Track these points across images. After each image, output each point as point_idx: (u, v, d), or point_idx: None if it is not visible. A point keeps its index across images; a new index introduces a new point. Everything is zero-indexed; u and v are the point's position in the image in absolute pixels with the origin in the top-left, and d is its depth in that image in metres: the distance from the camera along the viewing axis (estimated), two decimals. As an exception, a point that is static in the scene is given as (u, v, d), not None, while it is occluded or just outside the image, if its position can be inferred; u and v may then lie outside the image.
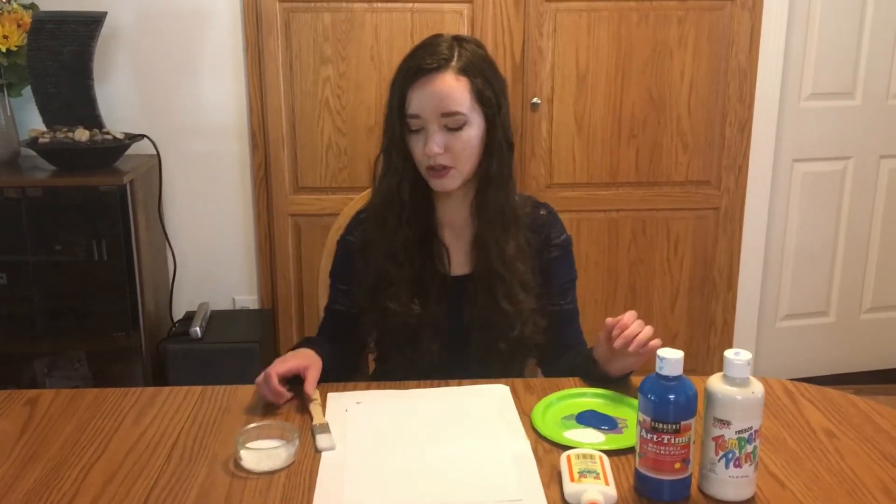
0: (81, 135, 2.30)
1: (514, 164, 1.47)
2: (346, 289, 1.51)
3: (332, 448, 1.16)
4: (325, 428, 1.20)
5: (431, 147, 1.35)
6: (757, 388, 1.03)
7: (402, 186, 1.41)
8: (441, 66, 1.35)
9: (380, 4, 2.49)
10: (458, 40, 1.40)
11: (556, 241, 1.51)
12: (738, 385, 1.02)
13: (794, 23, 2.73)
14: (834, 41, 2.79)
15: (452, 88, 1.35)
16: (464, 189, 1.44)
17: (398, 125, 1.38)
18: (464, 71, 1.36)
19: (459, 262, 1.48)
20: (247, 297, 2.74)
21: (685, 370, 1.03)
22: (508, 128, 1.43)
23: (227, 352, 2.41)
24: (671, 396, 1.02)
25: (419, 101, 1.35)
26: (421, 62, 1.35)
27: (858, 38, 2.81)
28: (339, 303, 1.52)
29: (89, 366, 2.45)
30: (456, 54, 1.37)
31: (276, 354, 2.68)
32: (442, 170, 1.37)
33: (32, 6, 2.37)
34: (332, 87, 2.54)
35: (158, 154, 2.51)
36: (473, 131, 1.38)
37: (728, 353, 1.03)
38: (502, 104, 1.41)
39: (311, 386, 1.29)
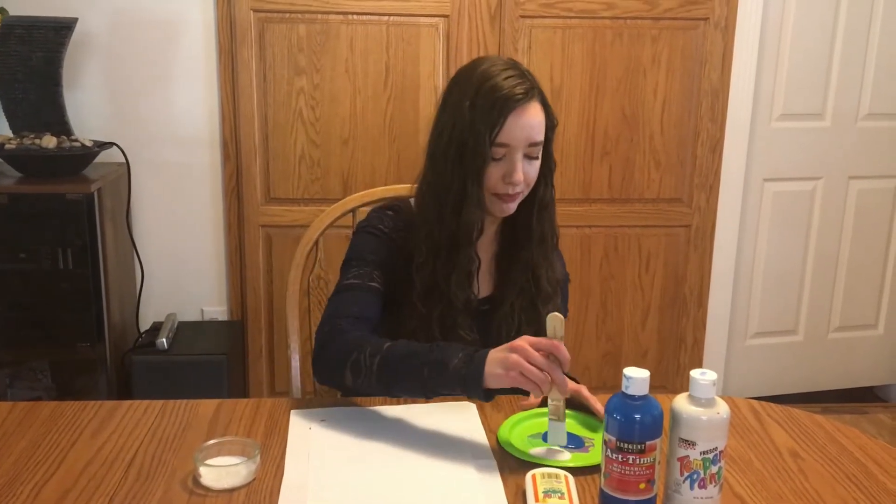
0: (49, 141, 2.27)
1: None
2: (379, 273, 1.40)
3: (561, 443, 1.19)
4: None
5: (519, 176, 1.33)
6: (722, 408, 1.03)
7: (482, 216, 1.38)
8: (531, 95, 1.33)
9: (355, 17, 2.49)
10: (513, 64, 1.37)
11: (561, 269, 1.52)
12: (703, 405, 1.02)
13: (766, 44, 2.76)
14: (805, 63, 2.83)
15: (539, 118, 1.34)
16: None
17: (487, 154, 1.32)
18: (541, 98, 1.36)
19: (479, 285, 1.45)
20: (216, 309, 2.71)
21: (655, 387, 1.03)
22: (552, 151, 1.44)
23: (195, 364, 2.37)
24: (637, 416, 1.01)
25: (513, 131, 1.32)
26: (514, 91, 1.32)
27: (829, 61, 2.85)
28: (376, 281, 1.39)
29: (53, 377, 2.41)
30: (534, 82, 1.35)
31: (245, 367, 2.67)
32: (514, 195, 1.37)
33: (2, 10, 2.34)
34: (306, 98, 2.52)
35: (128, 162, 2.48)
36: (541, 158, 1.38)
37: (694, 373, 1.03)
38: (555, 128, 1.41)
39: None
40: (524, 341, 1.16)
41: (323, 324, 1.36)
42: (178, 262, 2.67)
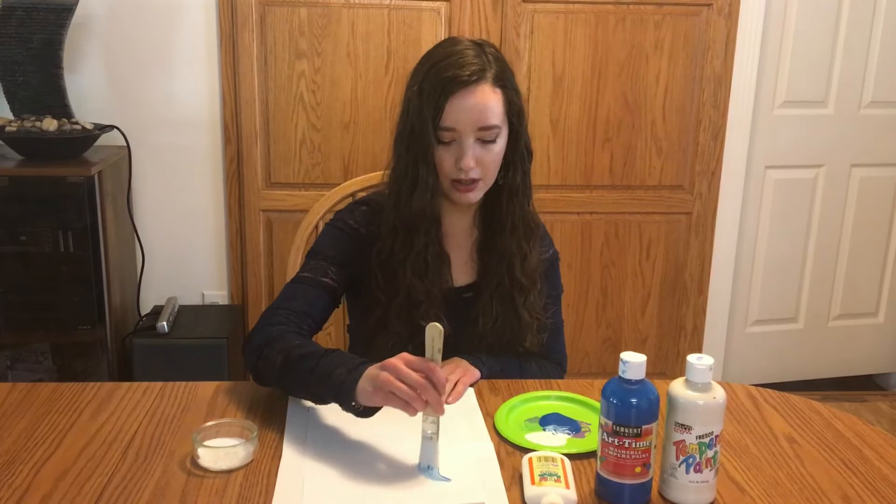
0: (50, 124, 2.27)
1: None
2: (336, 269, 1.39)
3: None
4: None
5: (468, 161, 1.31)
6: (718, 393, 1.03)
7: (434, 202, 1.36)
8: (479, 77, 1.29)
9: (356, 0, 2.48)
10: (480, 46, 1.34)
11: (543, 256, 1.49)
12: (699, 390, 1.02)
13: (770, 31, 2.75)
14: (808, 50, 2.81)
15: (490, 101, 1.30)
16: None
17: (430, 138, 1.31)
18: (498, 81, 1.32)
19: (460, 272, 1.45)
20: (216, 293, 2.72)
21: (655, 374, 1.03)
22: (528, 136, 1.40)
23: (195, 348, 2.38)
24: (633, 400, 1.01)
25: (457, 114, 1.29)
26: (457, 73, 1.29)
27: (832, 48, 2.84)
28: (330, 277, 1.38)
29: (53, 359, 2.41)
30: (488, 64, 1.31)
31: (245, 351, 2.67)
32: (471, 183, 1.34)
33: (2, -8, 2.33)
34: (307, 82, 2.52)
35: (128, 146, 2.48)
36: (502, 143, 1.35)
37: (690, 358, 1.03)
38: (524, 113, 1.38)
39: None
40: (399, 359, 1.09)
41: (265, 311, 1.36)
42: (178, 245, 2.67)
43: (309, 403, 1.26)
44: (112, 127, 2.41)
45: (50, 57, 2.30)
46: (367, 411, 1.15)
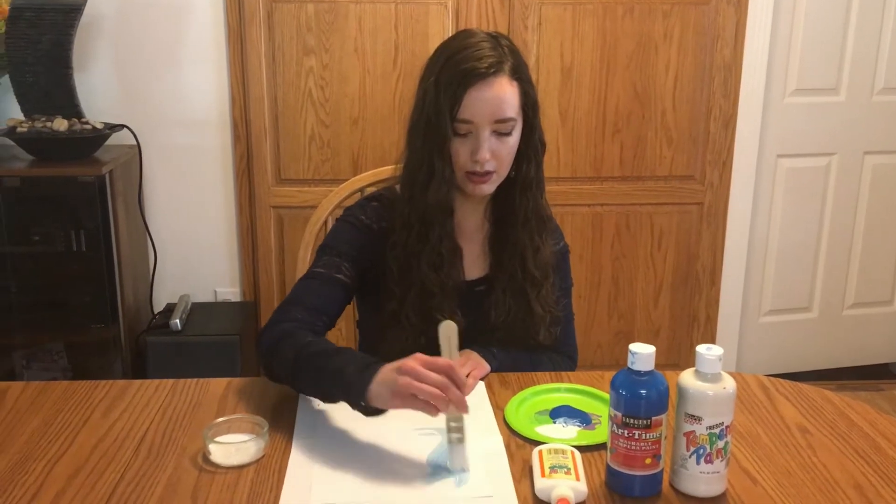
0: (60, 124, 2.28)
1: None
2: (349, 264, 1.38)
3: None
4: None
5: (484, 154, 1.30)
6: (728, 383, 1.02)
7: (450, 194, 1.36)
8: (497, 70, 1.29)
9: (363, -5, 2.48)
10: (495, 38, 1.34)
11: (553, 249, 1.48)
12: (709, 380, 1.02)
13: (780, 18, 2.73)
14: (819, 37, 2.79)
15: (508, 94, 1.30)
16: None
17: (447, 130, 1.30)
18: (514, 74, 1.31)
19: (472, 266, 1.45)
20: (228, 290, 2.73)
21: (668, 365, 1.03)
22: (542, 129, 1.40)
23: (208, 345, 2.39)
24: (642, 392, 1.01)
25: (474, 106, 1.29)
26: (475, 65, 1.28)
27: (843, 35, 2.81)
28: (343, 273, 1.37)
29: (68, 358, 2.43)
30: (505, 56, 1.31)
31: (258, 347, 2.68)
32: (485, 175, 1.33)
33: (11, -6, 2.34)
34: (316, 78, 2.52)
35: (139, 144, 2.49)
36: (517, 135, 1.34)
37: (700, 349, 1.03)
38: (538, 105, 1.37)
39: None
40: (415, 360, 1.07)
41: (278, 307, 1.35)
42: (190, 243, 2.68)
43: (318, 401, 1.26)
44: (122, 126, 2.42)
45: (59, 57, 2.31)
46: (376, 410, 1.14)
